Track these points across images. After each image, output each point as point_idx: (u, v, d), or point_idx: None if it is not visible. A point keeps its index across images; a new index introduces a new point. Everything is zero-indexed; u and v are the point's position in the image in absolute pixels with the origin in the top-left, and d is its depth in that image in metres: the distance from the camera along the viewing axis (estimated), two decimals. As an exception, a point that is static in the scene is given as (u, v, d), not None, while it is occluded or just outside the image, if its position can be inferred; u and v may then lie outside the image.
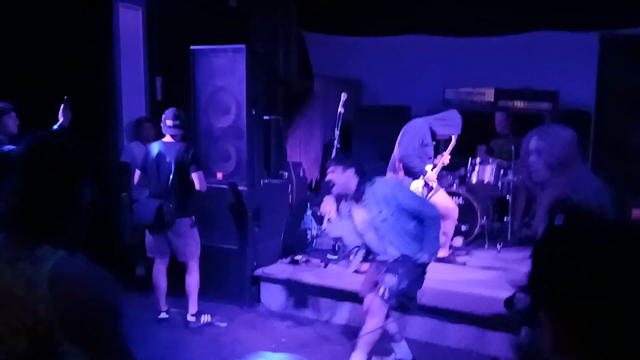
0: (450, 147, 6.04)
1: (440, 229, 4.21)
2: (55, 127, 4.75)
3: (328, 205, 4.26)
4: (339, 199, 4.20)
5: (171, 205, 4.96)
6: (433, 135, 5.88)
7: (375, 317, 4.04)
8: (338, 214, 4.23)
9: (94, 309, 1.46)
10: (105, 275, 1.52)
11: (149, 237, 5.15)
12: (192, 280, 5.16)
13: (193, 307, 5.19)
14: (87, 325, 1.45)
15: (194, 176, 4.99)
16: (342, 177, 4.05)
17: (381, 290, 4.01)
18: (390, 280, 4.00)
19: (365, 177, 4.08)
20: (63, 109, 4.81)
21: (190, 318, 5.19)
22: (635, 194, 4.33)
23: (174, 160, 4.98)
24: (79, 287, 1.47)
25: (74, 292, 1.45)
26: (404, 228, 4.05)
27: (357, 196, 4.09)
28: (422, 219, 4.03)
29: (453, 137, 5.99)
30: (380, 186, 4.09)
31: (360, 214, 4.12)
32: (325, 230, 4.36)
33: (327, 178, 4.12)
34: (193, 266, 5.16)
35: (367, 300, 4.22)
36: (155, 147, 5.11)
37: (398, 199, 4.03)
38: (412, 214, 4.03)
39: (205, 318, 5.23)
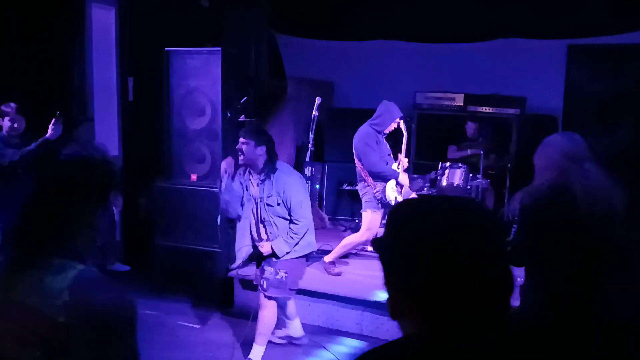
0: (404, 140, 6.00)
1: (302, 236, 4.20)
2: (40, 139, 4.72)
3: (226, 166, 4.28)
4: (241, 167, 4.29)
5: None
6: (379, 133, 5.79)
7: (263, 309, 4.33)
8: (231, 178, 4.29)
9: (112, 319, 1.47)
10: (122, 287, 1.55)
11: None
12: None
13: None
14: (104, 335, 1.45)
15: None
16: (252, 152, 4.10)
17: (262, 282, 4.26)
18: (268, 272, 4.23)
19: (272, 157, 4.15)
20: (54, 123, 4.76)
21: None
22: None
23: None
24: (100, 298, 1.48)
25: (95, 302, 1.46)
26: (284, 218, 4.18)
27: (258, 172, 4.19)
28: (293, 220, 4.14)
29: (401, 123, 5.93)
30: (281, 173, 4.17)
31: (254, 190, 4.25)
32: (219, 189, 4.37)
33: (238, 146, 4.14)
34: None
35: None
36: None
37: (286, 193, 4.11)
38: (288, 211, 4.14)
39: None
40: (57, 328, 1.41)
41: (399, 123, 5.88)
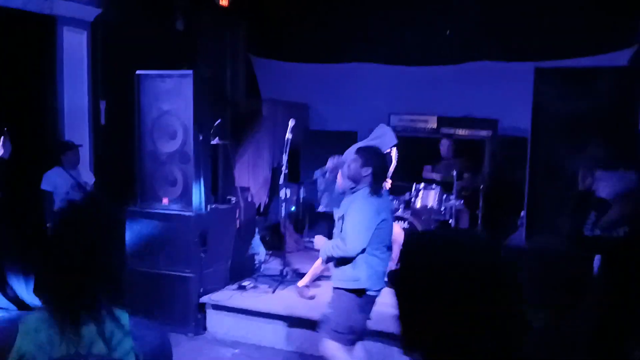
0: (392, 167, 6.07)
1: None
2: None
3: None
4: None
5: None
6: None
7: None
8: None
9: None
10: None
11: None
12: None
13: None
14: None
15: None
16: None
17: None
18: None
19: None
20: (3, 141, 4.65)
21: None
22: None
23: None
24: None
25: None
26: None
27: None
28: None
29: (393, 150, 6.01)
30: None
31: None
32: None
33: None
34: None
35: None
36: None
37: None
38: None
39: None
40: None
41: (391, 149, 5.95)
